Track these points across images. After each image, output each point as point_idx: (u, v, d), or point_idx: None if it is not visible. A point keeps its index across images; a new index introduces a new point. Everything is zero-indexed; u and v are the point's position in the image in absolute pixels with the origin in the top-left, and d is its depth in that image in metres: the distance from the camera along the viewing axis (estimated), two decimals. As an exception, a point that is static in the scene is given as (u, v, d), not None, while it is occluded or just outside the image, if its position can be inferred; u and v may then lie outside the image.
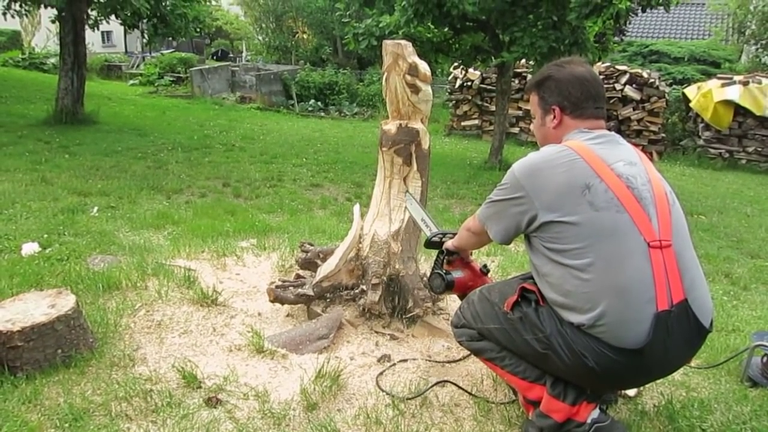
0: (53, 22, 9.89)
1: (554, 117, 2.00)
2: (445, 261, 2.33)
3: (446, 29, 9.23)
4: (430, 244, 2.41)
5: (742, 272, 4.98)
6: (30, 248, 3.71)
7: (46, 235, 4.05)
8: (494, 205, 1.97)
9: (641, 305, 1.70)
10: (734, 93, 11.88)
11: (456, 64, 13.13)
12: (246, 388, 2.28)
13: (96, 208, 5.07)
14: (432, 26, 9.05)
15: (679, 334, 1.73)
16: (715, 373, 2.66)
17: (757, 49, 18.32)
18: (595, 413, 1.88)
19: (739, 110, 12.02)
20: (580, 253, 1.74)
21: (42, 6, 8.95)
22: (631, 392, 2.36)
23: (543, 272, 1.85)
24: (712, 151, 12.50)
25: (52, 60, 17.82)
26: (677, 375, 2.60)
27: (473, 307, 2.11)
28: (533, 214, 1.83)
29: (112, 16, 9.54)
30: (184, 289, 3.10)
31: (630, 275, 1.71)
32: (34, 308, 2.32)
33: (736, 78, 12.40)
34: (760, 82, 11.88)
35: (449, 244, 2.34)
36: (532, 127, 2.16)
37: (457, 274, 2.31)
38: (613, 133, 1.97)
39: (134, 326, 2.70)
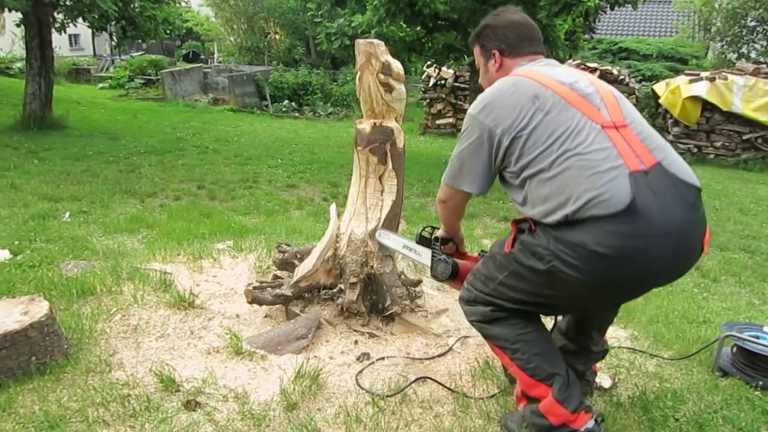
0: (18, 25, 9.70)
1: (495, 61, 2.11)
2: (441, 248, 2.35)
3: (419, 28, 9.27)
4: (421, 239, 2.44)
5: (712, 265, 5.09)
6: (0, 256, 3.64)
7: (17, 242, 3.98)
8: (462, 153, 1.99)
9: (612, 172, 1.72)
10: (701, 89, 12.11)
11: (429, 62, 13.20)
12: (225, 390, 2.27)
13: (68, 214, 4.99)
14: (404, 25, 9.09)
15: (668, 193, 1.74)
16: (687, 364, 2.73)
17: (722, 46, 18.71)
18: (590, 424, 1.92)
19: (707, 106, 12.26)
20: (542, 157, 1.81)
21: (6, 9, 8.74)
22: (606, 384, 2.41)
23: (522, 196, 1.88)
24: (681, 146, 12.72)
25: (18, 64, 17.50)
26: (651, 366, 2.66)
27: (479, 273, 2.08)
28: (497, 141, 1.89)
29: (80, 19, 9.35)
30: (161, 292, 3.07)
31: (592, 156, 1.75)
32: (6, 316, 2.28)
33: (703, 74, 12.63)
34: (726, 78, 12.13)
35: (440, 232, 2.37)
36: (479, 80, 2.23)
37: (460, 262, 2.31)
38: (551, 59, 2.08)
39: (110, 331, 2.67)
